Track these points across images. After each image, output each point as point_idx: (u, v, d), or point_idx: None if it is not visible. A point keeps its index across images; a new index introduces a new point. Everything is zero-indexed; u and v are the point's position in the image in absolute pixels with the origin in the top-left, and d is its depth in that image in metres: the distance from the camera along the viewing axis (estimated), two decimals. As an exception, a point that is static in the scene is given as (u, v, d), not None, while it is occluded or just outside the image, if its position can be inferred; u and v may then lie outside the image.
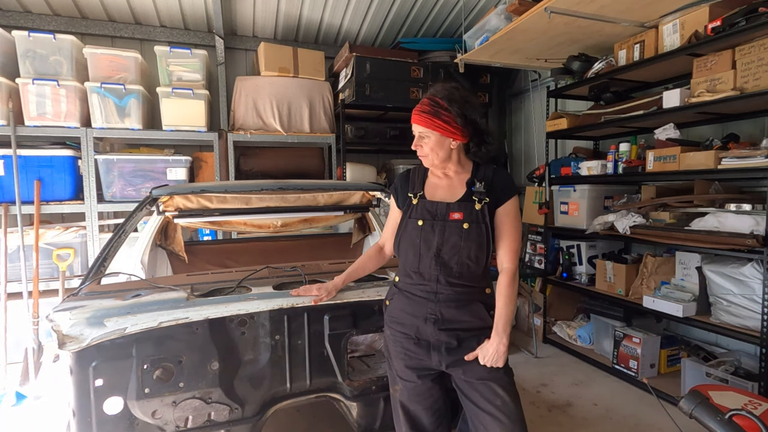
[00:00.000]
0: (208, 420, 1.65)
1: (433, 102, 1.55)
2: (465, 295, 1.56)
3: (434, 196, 1.63)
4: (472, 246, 1.52)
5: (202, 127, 3.94)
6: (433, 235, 1.56)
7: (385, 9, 4.39)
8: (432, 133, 1.55)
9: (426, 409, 1.65)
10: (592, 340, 3.71)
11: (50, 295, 3.39)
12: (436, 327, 1.56)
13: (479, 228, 1.53)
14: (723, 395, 1.98)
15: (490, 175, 1.60)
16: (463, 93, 1.57)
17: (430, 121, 1.53)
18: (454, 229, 1.54)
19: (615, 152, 3.36)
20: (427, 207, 1.60)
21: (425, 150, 1.58)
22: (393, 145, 4.82)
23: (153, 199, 2.32)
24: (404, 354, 1.62)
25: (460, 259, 1.53)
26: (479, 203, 1.54)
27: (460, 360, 1.56)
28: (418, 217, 1.60)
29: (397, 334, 1.64)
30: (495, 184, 1.58)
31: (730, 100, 2.49)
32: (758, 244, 2.36)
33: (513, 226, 1.58)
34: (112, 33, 4.17)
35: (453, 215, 1.55)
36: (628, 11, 2.89)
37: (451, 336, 1.55)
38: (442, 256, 1.54)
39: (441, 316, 1.56)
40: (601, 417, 2.76)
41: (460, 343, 1.56)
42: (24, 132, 3.44)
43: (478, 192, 1.56)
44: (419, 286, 1.59)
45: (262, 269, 2.07)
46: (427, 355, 1.59)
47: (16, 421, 2.76)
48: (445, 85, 1.59)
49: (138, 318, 1.57)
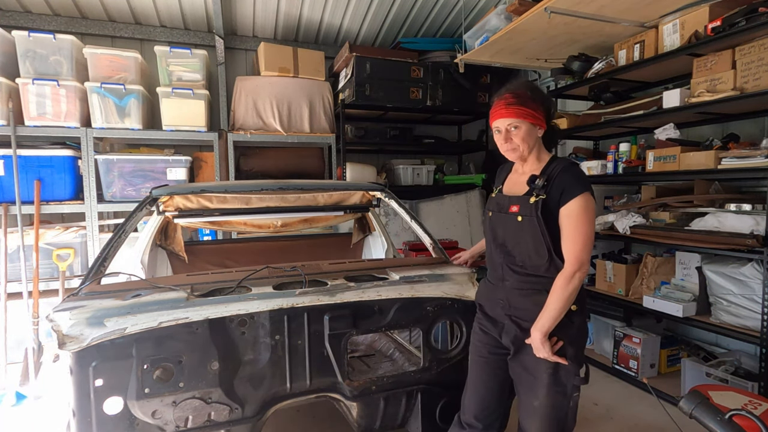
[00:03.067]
0: (208, 420, 1.65)
1: (517, 94, 1.61)
2: (530, 284, 1.62)
3: (510, 190, 1.74)
4: (527, 238, 1.59)
5: (202, 127, 3.94)
6: (497, 226, 1.70)
7: (385, 9, 4.39)
8: (522, 122, 1.60)
9: (491, 387, 1.74)
10: (592, 340, 3.71)
11: (50, 295, 3.39)
12: (504, 312, 1.68)
13: (531, 221, 1.58)
14: (723, 395, 1.98)
15: (556, 172, 1.60)
16: (532, 84, 1.73)
17: (521, 110, 1.59)
18: (512, 221, 1.63)
19: (615, 152, 3.36)
20: (497, 200, 1.75)
21: (516, 142, 1.62)
22: (393, 145, 4.82)
23: (153, 199, 2.32)
24: (481, 330, 1.78)
25: (520, 249, 1.63)
26: (534, 197, 1.59)
27: (519, 351, 1.63)
28: (489, 209, 1.76)
29: (480, 313, 1.81)
30: (557, 182, 1.57)
31: (730, 100, 2.49)
32: (758, 244, 2.36)
33: (574, 227, 1.53)
34: (112, 33, 4.16)
35: (512, 208, 1.65)
36: (628, 11, 2.89)
37: (518, 324, 1.62)
38: (505, 245, 1.67)
39: (508, 302, 1.67)
40: (601, 417, 2.76)
41: (525, 333, 1.60)
42: (24, 132, 3.44)
43: (536, 187, 1.61)
44: (493, 273, 1.75)
45: (262, 269, 2.06)
46: (500, 335, 1.70)
47: (16, 421, 2.76)
48: (515, 81, 1.68)
49: (138, 318, 1.57)
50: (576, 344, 1.60)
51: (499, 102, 1.64)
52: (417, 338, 2.46)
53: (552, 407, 1.58)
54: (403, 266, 2.14)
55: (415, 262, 2.21)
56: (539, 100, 1.63)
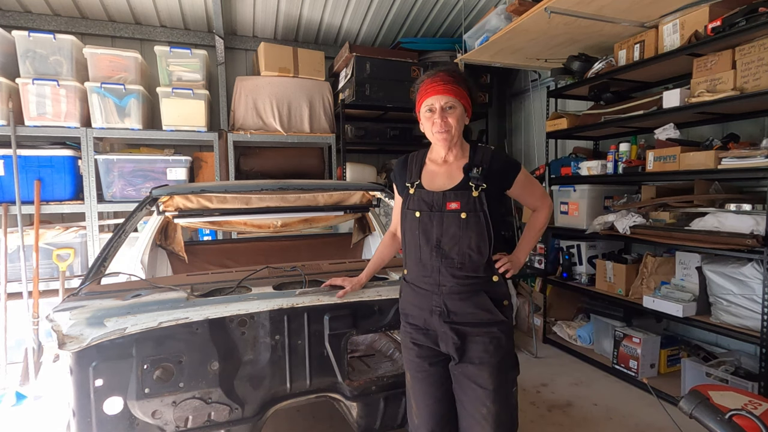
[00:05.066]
0: (208, 420, 1.65)
1: (453, 75, 1.53)
2: (469, 286, 1.53)
3: (432, 184, 1.59)
4: (472, 235, 1.50)
5: (202, 127, 3.94)
6: (431, 226, 1.54)
7: (385, 9, 4.39)
8: (458, 103, 1.53)
9: (440, 398, 1.61)
10: (592, 340, 3.71)
11: (50, 295, 3.39)
12: (442, 320, 1.55)
13: (477, 216, 1.50)
14: (723, 395, 1.98)
15: (488, 159, 1.57)
16: (461, 70, 1.62)
17: (458, 90, 1.52)
18: (452, 219, 1.51)
19: (615, 152, 3.36)
20: (424, 197, 1.56)
21: (450, 122, 1.51)
22: (393, 145, 4.82)
23: (153, 199, 2.32)
24: (414, 344, 1.63)
25: (460, 249, 1.51)
26: (476, 190, 1.50)
27: (462, 360, 1.54)
28: (415, 208, 1.57)
29: (407, 325, 1.66)
30: (495, 169, 1.56)
31: (730, 100, 2.49)
32: (758, 244, 2.36)
33: (530, 186, 1.67)
34: (112, 33, 4.17)
35: (450, 205, 1.51)
36: (628, 11, 2.89)
37: (457, 331, 1.53)
38: (442, 247, 1.52)
39: (446, 308, 1.54)
40: (601, 417, 2.76)
41: (465, 339, 1.53)
42: (24, 132, 3.44)
43: (474, 178, 1.52)
44: (423, 279, 1.58)
45: (262, 269, 2.06)
46: (436, 344, 1.59)
47: (16, 421, 2.76)
48: (447, 64, 1.64)
49: (138, 318, 1.56)
50: (512, 337, 1.62)
51: (433, 79, 1.52)
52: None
53: (503, 410, 1.52)
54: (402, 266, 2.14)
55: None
56: (470, 87, 1.56)
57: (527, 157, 5.05)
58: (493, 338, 1.53)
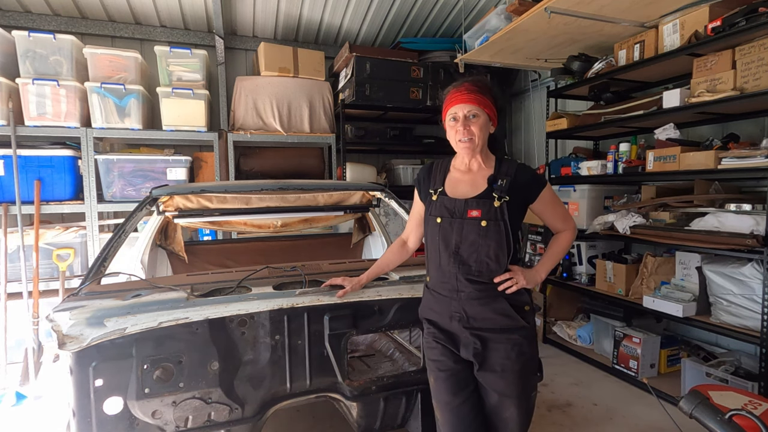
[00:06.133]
0: (208, 420, 1.65)
1: (478, 84, 1.57)
2: (486, 292, 1.54)
3: (455, 192, 1.61)
4: (491, 244, 1.52)
5: (202, 127, 3.94)
6: (451, 232, 1.56)
7: (385, 9, 4.39)
8: (482, 112, 1.55)
9: (466, 399, 1.56)
10: (592, 340, 3.71)
11: (50, 295, 3.39)
12: (461, 325, 1.56)
13: (497, 225, 1.51)
14: (723, 395, 1.98)
15: (513, 172, 1.58)
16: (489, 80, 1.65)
17: (482, 99, 1.55)
18: (472, 226, 1.53)
19: (615, 152, 3.36)
20: (446, 204, 1.59)
21: (474, 131, 1.54)
22: (393, 145, 4.82)
23: (153, 199, 2.32)
24: (437, 342, 1.61)
25: (478, 257, 1.53)
26: (498, 201, 1.52)
27: (483, 367, 1.55)
28: (437, 214, 1.59)
29: (429, 327, 1.67)
30: (520, 182, 1.57)
31: (730, 100, 2.49)
32: (758, 244, 2.36)
33: (554, 205, 1.66)
34: (112, 33, 4.17)
35: (471, 212, 1.54)
36: (628, 11, 2.89)
37: (478, 336, 1.54)
38: (460, 254, 1.54)
39: (465, 313, 1.56)
40: (601, 417, 2.76)
41: (486, 345, 1.54)
42: (24, 132, 3.44)
43: (498, 188, 1.54)
44: (442, 284, 1.60)
45: (262, 269, 2.07)
46: (458, 349, 1.59)
47: (16, 421, 2.76)
48: (475, 75, 1.64)
49: (138, 318, 1.57)
50: (534, 342, 1.61)
51: (458, 89, 1.57)
52: (417, 338, 2.46)
53: (524, 415, 1.55)
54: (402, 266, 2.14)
55: (415, 262, 2.20)
56: (495, 96, 1.59)
57: (527, 157, 5.05)
58: (514, 345, 1.53)
